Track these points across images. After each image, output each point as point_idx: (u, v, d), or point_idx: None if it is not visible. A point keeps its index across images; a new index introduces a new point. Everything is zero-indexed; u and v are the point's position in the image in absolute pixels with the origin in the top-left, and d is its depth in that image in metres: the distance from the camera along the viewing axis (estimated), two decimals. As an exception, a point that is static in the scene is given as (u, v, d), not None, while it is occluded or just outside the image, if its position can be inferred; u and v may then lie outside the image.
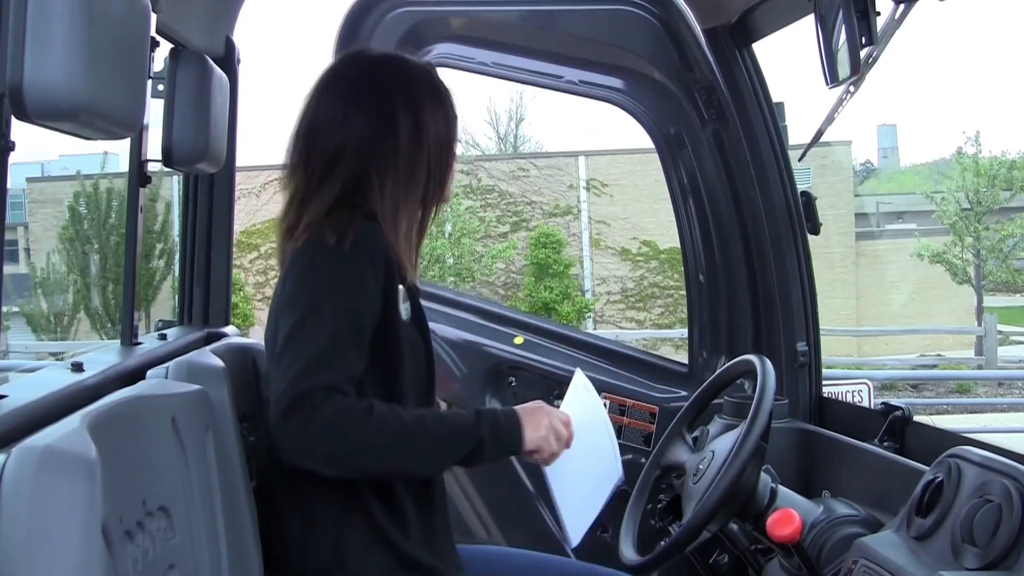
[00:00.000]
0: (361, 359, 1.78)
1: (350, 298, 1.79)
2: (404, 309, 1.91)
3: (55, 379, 1.68)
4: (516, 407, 1.89)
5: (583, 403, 2.06)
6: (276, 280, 1.97)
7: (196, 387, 1.75)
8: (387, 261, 1.85)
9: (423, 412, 1.85)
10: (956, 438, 2.05)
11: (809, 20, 2.06)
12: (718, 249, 2.79)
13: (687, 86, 2.72)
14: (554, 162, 20.90)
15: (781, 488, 2.05)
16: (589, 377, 2.15)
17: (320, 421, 1.69)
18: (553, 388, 2.78)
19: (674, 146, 2.80)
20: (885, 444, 2.27)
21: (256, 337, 2.59)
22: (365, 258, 1.82)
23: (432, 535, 1.91)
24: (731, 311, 2.79)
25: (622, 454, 2.10)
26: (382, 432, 1.74)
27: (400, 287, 1.90)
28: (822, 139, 2.38)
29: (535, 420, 1.86)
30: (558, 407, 1.99)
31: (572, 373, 2.15)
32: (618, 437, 2.14)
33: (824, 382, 2.72)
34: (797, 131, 2.76)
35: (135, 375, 1.90)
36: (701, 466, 2.09)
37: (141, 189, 2.21)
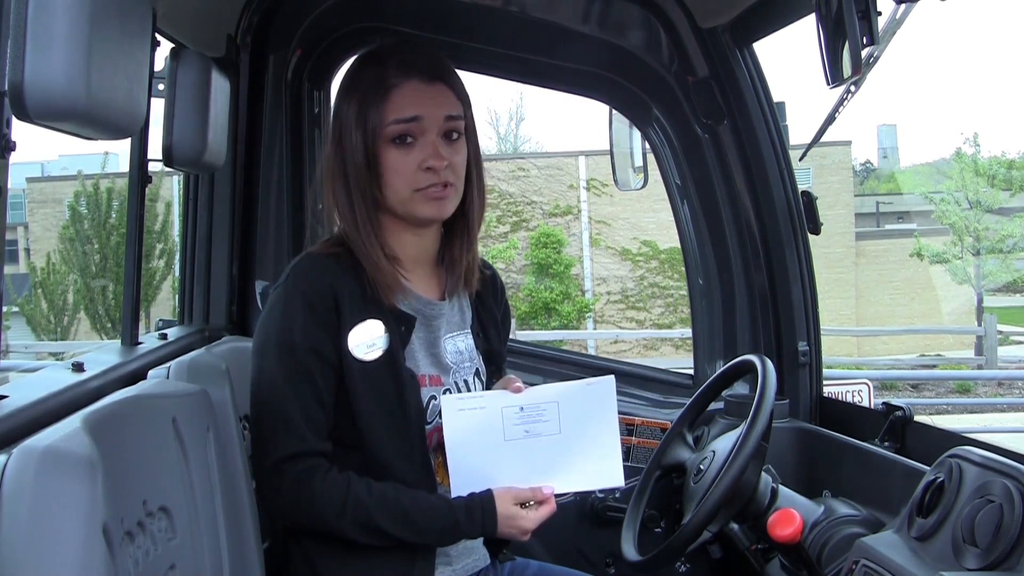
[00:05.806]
0: (320, 404, 1.78)
1: (295, 349, 1.77)
2: (366, 348, 1.80)
3: (56, 379, 1.68)
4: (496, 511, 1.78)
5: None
6: None
7: (197, 387, 1.74)
8: (334, 297, 1.79)
9: (403, 502, 1.77)
10: (957, 438, 2.04)
11: (809, 20, 2.05)
12: (719, 249, 2.77)
13: (686, 85, 2.71)
14: (554, 162, 20.88)
15: (782, 488, 2.05)
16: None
17: (288, 494, 1.76)
18: None
19: (673, 146, 2.79)
20: (886, 444, 2.27)
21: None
22: (300, 299, 1.78)
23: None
24: (732, 312, 2.77)
25: (631, 476, 2.02)
26: (343, 515, 1.75)
27: (370, 322, 1.81)
28: (822, 139, 2.37)
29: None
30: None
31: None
32: (627, 459, 2.00)
33: (824, 382, 2.71)
34: (797, 131, 2.76)
35: (136, 375, 1.90)
36: (702, 466, 2.09)
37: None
